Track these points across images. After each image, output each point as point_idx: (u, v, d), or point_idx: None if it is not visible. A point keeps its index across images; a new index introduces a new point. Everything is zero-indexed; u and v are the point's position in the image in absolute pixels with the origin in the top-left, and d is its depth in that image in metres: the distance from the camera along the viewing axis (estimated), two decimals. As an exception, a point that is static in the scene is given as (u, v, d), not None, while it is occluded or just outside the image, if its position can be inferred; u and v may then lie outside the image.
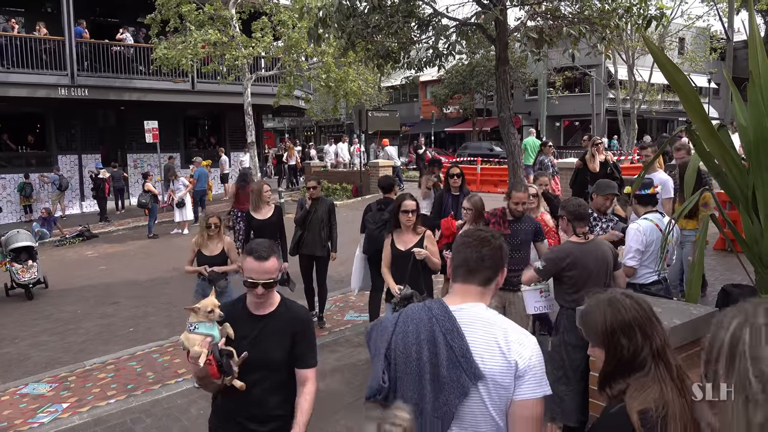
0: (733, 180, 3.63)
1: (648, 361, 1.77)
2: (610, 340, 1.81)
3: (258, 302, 2.65)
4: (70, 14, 17.68)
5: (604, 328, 1.82)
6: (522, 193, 5.02)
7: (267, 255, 2.59)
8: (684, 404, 1.68)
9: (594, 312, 1.86)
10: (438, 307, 2.00)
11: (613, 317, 1.82)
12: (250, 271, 2.57)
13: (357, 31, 7.48)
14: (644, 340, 1.79)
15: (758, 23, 3.90)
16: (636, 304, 1.84)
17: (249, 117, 16.62)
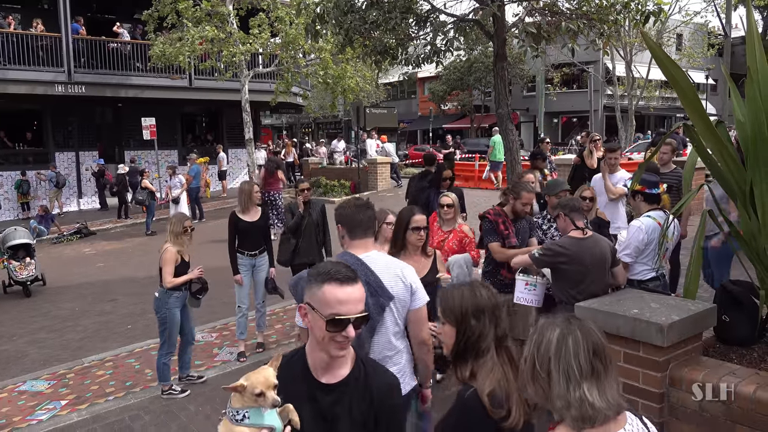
0: (730, 176, 3.63)
1: (491, 346, 2.03)
2: (463, 319, 2.06)
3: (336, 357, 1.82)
4: (66, 11, 17.63)
5: (460, 307, 2.08)
6: (531, 193, 4.98)
7: (354, 275, 1.83)
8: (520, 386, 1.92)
9: (454, 292, 2.13)
10: (351, 258, 2.76)
11: (470, 299, 2.08)
12: (334, 302, 1.76)
13: (354, 27, 7.46)
14: (491, 325, 2.05)
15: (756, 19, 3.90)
16: (490, 293, 2.13)
17: (246, 114, 16.59)
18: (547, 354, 1.66)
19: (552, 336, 1.67)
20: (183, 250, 5.47)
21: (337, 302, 1.78)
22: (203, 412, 5.18)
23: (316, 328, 1.81)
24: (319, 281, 1.82)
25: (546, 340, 1.68)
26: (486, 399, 1.90)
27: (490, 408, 1.88)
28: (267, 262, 6.38)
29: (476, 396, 1.92)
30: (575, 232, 4.11)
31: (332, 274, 1.81)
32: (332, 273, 1.81)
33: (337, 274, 1.81)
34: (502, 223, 4.87)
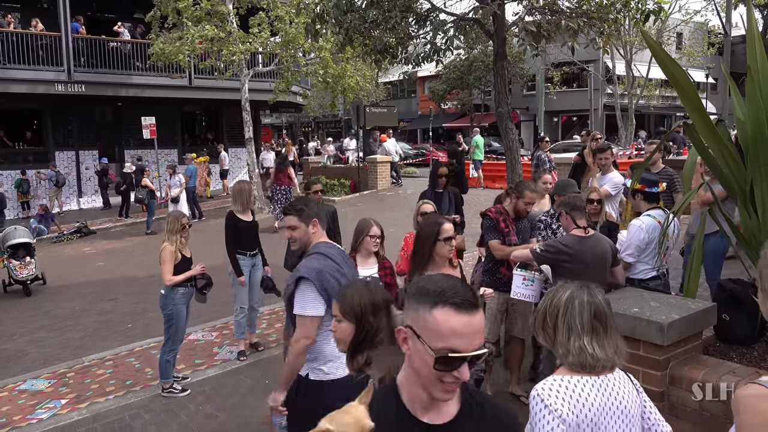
0: (730, 175, 3.63)
1: (386, 339, 2.10)
2: (362, 316, 2.16)
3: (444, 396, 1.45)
4: (66, 10, 17.63)
5: (359, 305, 2.18)
6: (534, 192, 4.97)
7: (475, 300, 1.44)
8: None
9: (352, 292, 2.24)
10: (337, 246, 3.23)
11: (368, 297, 2.20)
12: (448, 333, 1.37)
13: (354, 26, 7.46)
14: (386, 320, 2.14)
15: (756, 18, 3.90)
16: (383, 290, 2.26)
17: (246, 113, 16.58)
18: (556, 309, 2.05)
19: (563, 295, 2.06)
20: (182, 248, 5.51)
21: (453, 334, 1.36)
22: (203, 411, 5.18)
23: (419, 361, 1.42)
24: (428, 302, 1.40)
25: (558, 297, 2.07)
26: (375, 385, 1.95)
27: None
28: (261, 261, 6.39)
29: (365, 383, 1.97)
30: (577, 231, 4.11)
31: (448, 296, 1.39)
32: (448, 294, 1.39)
33: (454, 296, 1.39)
34: (503, 221, 4.87)
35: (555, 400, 1.93)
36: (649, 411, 2.15)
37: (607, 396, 1.97)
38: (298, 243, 3.21)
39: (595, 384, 1.97)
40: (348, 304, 2.21)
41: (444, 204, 6.52)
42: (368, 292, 2.23)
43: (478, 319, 1.40)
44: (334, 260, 3.02)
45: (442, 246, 3.59)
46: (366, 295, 2.21)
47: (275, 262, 6.55)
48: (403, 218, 11.53)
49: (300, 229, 3.15)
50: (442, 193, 6.65)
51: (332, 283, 2.90)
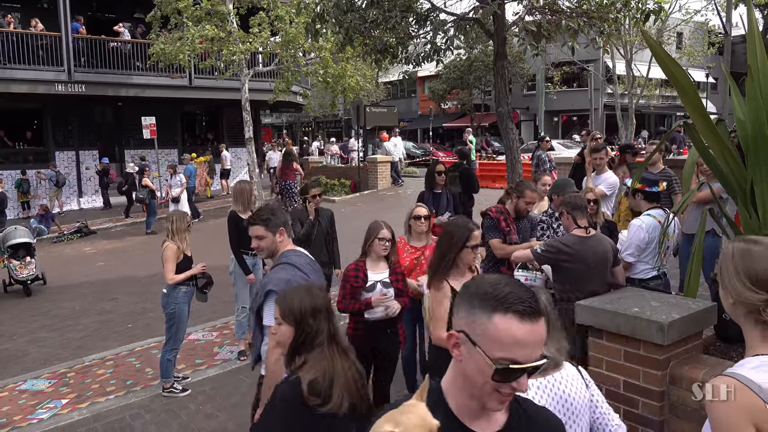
0: (731, 174, 3.63)
1: (325, 341, 2.21)
2: (302, 319, 2.23)
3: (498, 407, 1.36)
4: (66, 10, 17.63)
5: (299, 309, 2.25)
6: (535, 192, 4.99)
7: (539, 307, 1.31)
8: (348, 374, 2.18)
9: (293, 295, 2.30)
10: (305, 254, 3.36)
11: (308, 301, 2.26)
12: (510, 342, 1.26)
13: (354, 26, 7.46)
14: (325, 322, 2.24)
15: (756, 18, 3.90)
16: (324, 294, 2.33)
17: (247, 113, 16.58)
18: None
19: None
20: (184, 247, 5.52)
21: (515, 343, 1.26)
22: (204, 411, 5.18)
23: (473, 369, 1.31)
24: (487, 307, 1.29)
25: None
26: (305, 386, 2.09)
27: (306, 394, 2.06)
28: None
29: (296, 383, 2.11)
30: (578, 231, 4.11)
31: (511, 302, 1.27)
32: (511, 300, 1.28)
33: (518, 302, 1.27)
34: (504, 220, 4.88)
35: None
36: (596, 404, 2.19)
37: (552, 395, 2.03)
38: (265, 252, 3.28)
39: (540, 385, 2.03)
40: (288, 307, 2.27)
41: (442, 205, 6.49)
42: (309, 295, 2.28)
43: (541, 328, 1.29)
44: (302, 270, 3.09)
45: (468, 253, 3.44)
46: (306, 298, 2.27)
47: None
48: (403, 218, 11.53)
49: (267, 238, 3.20)
50: (440, 194, 6.61)
51: None
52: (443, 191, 6.66)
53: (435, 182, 6.67)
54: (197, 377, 5.87)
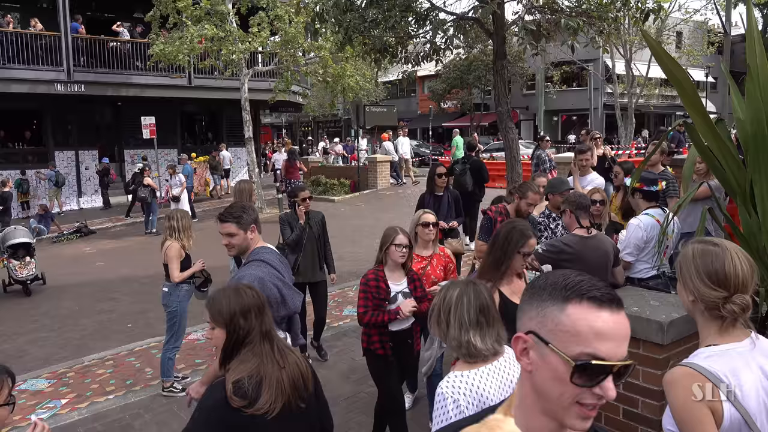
0: (730, 174, 3.63)
1: (257, 340, 2.13)
2: (231, 320, 2.15)
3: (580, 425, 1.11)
4: (65, 9, 17.62)
5: (228, 311, 2.16)
6: (538, 195, 4.96)
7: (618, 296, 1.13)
8: (281, 373, 2.10)
9: (221, 297, 2.22)
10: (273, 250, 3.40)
11: (237, 302, 2.18)
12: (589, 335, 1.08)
13: (354, 25, 7.46)
14: (257, 321, 2.16)
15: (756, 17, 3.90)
16: (254, 293, 2.25)
17: (246, 112, 16.59)
18: (448, 306, 2.27)
19: (454, 293, 2.29)
20: (190, 244, 5.57)
21: (594, 335, 1.07)
22: (204, 411, 5.17)
23: (548, 377, 1.11)
24: (558, 297, 1.12)
25: (449, 295, 2.29)
26: (229, 387, 2.00)
27: (229, 395, 1.98)
28: None
29: (220, 385, 2.04)
30: (580, 230, 4.10)
31: (585, 289, 1.11)
32: (585, 286, 1.11)
33: (593, 289, 1.10)
34: (501, 221, 4.86)
35: (457, 395, 2.11)
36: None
37: (499, 379, 2.20)
38: (235, 249, 3.26)
39: (490, 371, 2.19)
40: (216, 310, 2.20)
41: (443, 208, 6.41)
42: (237, 295, 2.21)
43: (624, 320, 1.10)
44: (274, 267, 3.12)
45: (519, 259, 3.29)
46: (234, 299, 2.20)
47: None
48: (402, 218, 11.53)
49: (238, 236, 3.19)
50: (441, 197, 6.52)
51: (273, 291, 3.03)
52: (444, 194, 6.56)
53: (435, 185, 6.54)
54: (197, 377, 5.87)
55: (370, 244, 11.64)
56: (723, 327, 1.82)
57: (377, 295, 3.82)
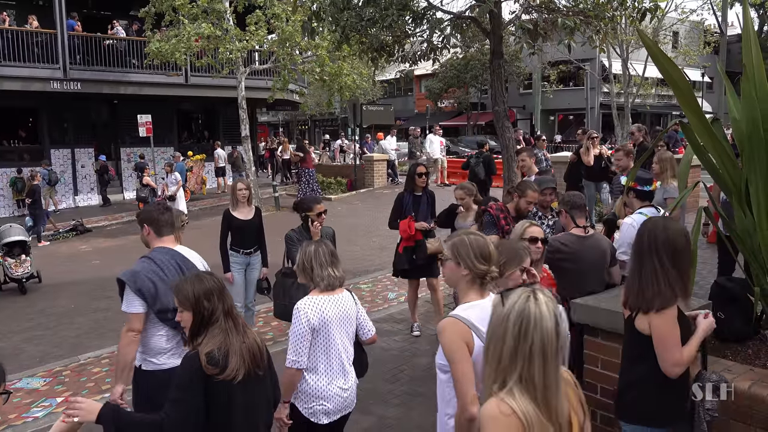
0: (726, 173, 3.64)
1: (221, 318, 2.51)
2: (197, 303, 2.49)
3: None
4: (62, 7, 17.55)
5: (193, 295, 2.50)
6: (537, 193, 4.98)
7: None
8: (243, 344, 2.50)
9: (185, 284, 2.56)
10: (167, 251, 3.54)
11: (199, 287, 2.52)
12: None
13: (351, 24, 7.44)
14: (219, 302, 2.52)
15: (752, 17, 3.92)
16: (213, 278, 2.61)
17: (243, 111, 16.55)
18: (309, 256, 3.19)
19: (310, 248, 3.22)
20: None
21: None
22: (200, 409, 5.17)
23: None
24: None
25: (308, 250, 3.21)
26: (203, 357, 2.39)
27: (204, 365, 2.37)
28: (260, 261, 6.34)
29: (195, 356, 2.42)
30: (577, 230, 4.11)
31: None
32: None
33: None
34: (504, 218, 4.88)
35: (308, 311, 3.06)
36: (360, 314, 3.35)
37: (337, 306, 3.16)
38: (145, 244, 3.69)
39: (331, 300, 3.15)
40: (183, 295, 2.53)
41: (422, 208, 6.30)
42: (199, 281, 2.56)
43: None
44: (157, 264, 3.41)
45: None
46: (197, 284, 2.54)
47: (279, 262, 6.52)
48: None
49: (143, 233, 3.63)
50: (420, 196, 6.37)
51: (147, 284, 3.32)
52: (423, 194, 6.39)
53: (416, 184, 6.37)
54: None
55: (366, 243, 11.64)
56: (479, 290, 2.60)
57: None
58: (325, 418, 3.16)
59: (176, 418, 2.34)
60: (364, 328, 3.39)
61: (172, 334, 3.41)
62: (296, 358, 3.05)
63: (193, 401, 2.37)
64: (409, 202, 6.31)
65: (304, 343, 3.05)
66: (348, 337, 3.26)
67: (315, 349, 3.11)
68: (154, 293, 3.33)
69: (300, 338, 3.05)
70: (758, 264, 3.63)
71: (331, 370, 3.15)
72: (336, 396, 3.17)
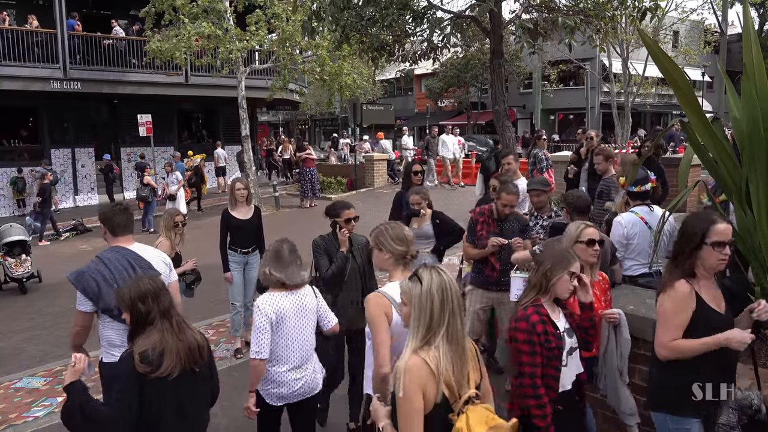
0: (726, 173, 3.64)
1: (157, 318, 2.67)
2: (132, 305, 2.67)
3: None
4: (62, 6, 17.54)
5: (129, 297, 2.68)
6: (512, 195, 4.66)
7: None
8: (179, 343, 2.66)
9: (124, 287, 2.77)
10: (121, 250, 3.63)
11: (135, 290, 2.70)
12: None
13: (351, 23, 7.45)
14: (154, 304, 2.67)
15: (752, 16, 3.91)
16: (150, 281, 2.76)
17: (243, 110, 16.55)
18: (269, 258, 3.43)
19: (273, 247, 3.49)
20: (177, 242, 5.58)
21: None
22: (200, 409, 5.17)
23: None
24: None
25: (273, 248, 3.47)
26: (136, 357, 2.58)
27: (137, 363, 2.56)
28: (258, 260, 6.36)
29: (129, 356, 2.61)
30: None
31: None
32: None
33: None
34: (482, 222, 4.78)
35: (265, 307, 3.32)
36: (320, 306, 3.58)
37: (294, 301, 3.41)
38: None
39: (288, 295, 3.41)
40: (119, 297, 2.75)
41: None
42: (136, 285, 2.73)
43: None
44: (105, 264, 3.54)
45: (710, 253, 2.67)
46: (133, 288, 2.72)
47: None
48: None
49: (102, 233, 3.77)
50: None
51: (91, 284, 3.47)
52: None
53: (411, 182, 6.44)
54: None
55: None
56: (402, 270, 3.04)
57: (548, 348, 2.73)
58: (280, 401, 3.45)
59: (115, 414, 2.60)
60: (325, 319, 3.61)
61: (123, 329, 3.37)
62: (258, 350, 3.30)
63: (128, 400, 2.58)
64: (406, 198, 6.37)
65: (265, 336, 3.30)
66: (306, 328, 3.48)
67: (273, 339, 3.36)
68: (98, 292, 3.47)
69: (260, 331, 3.30)
70: (758, 263, 3.63)
71: (287, 358, 3.41)
72: (291, 382, 3.42)
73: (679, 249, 2.76)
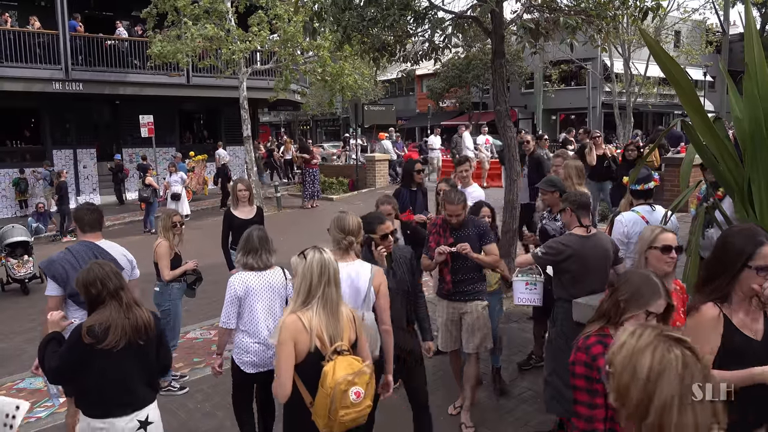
0: (728, 172, 3.63)
1: (107, 299, 3.03)
2: (86, 288, 3.04)
3: None
4: (64, 7, 17.57)
5: (81, 282, 3.06)
6: (454, 206, 4.35)
7: None
8: (126, 320, 3.02)
9: (79, 273, 3.15)
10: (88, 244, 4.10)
11: (84, 276, 3.07)
12: None
13: (352, 24, 7.44)
14: (102, 287, 3.03)
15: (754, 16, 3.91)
16: (100, 267, 3.10)
17: (245, 111, 16.56)
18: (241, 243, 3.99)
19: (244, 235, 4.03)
20: (176, 242, 5.58)
21: None
22: (202, 410, 5.18)
23: None
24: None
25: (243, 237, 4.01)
26: (84, 329, 2.95)
27: (84, 336, 2.94)
28: None
29: (78, 327, 3.01)
30: (579, 230, 4.07)
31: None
32: None
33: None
34: (434, 233, 4.58)
35: (235, 284, 3.84)
36: (290, 289, 3.85)
37: (262, 280, 3.91)
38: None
39: (257, 275, 3.91)
40: (75, 282, 3.14)
41: (418, 202, 6.46)
42: (86, 271, 3.09)
43: None
44: (73, 254, 3.99)
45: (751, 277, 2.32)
46: (84, 274, 3.08)
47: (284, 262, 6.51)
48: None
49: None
50: (416, 192, 6.51)
51: (60, 271, 3.89)
52: (418, 189, 6.56)
53: (413, 180, 6.47)
54: (195, 375, 5.87)
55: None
56: (342, 254, 3.45)
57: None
58: (251, 368, 3.90)
59: (56, 366, 3.06)
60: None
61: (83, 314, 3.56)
62: (226, 320, 3.85)
63: (69, 358, 3.02)
64: (407, 196, 6.47)
65: (233, 309, 3.83)
66: (274, 304, 3.93)
67: (242, 313, 3.87)
68: (66, 278, 3.87)
69: (229, 304, 3.84)
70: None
71: (255, 330, 3.87)
72: (259, 351, 3.87)
73: (715, 271, 2.40)
